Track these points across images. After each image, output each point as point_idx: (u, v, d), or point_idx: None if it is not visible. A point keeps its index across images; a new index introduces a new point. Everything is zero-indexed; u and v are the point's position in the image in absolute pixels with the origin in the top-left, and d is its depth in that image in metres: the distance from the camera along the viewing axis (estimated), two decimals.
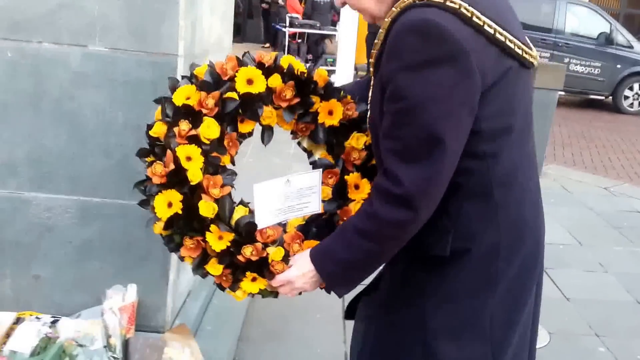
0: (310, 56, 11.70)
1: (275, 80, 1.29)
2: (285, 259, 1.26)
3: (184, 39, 1.82)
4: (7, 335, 1.90)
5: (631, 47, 10.29)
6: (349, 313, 1.44)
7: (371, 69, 1.20)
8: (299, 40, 11.91)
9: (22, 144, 1.85)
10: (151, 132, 1.28)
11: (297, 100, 1.32)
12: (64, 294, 2.00)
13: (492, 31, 1.05)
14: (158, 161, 1.25)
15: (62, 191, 1.90)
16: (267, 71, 1.29)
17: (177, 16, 1.76)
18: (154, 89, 1.79)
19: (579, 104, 10.85)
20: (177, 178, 1.23)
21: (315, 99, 1.34)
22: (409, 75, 1.03)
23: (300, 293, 1.29)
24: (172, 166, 1.22)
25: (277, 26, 12.72)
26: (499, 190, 1.14)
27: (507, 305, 1.20)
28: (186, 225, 1.25)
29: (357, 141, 1.36)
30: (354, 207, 1.34)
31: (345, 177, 1.36)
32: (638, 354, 2.77)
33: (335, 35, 11.47)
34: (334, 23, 12.06)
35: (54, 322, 1.89)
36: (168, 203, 1.23)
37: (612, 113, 10.20)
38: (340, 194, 1.36)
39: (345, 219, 1.32)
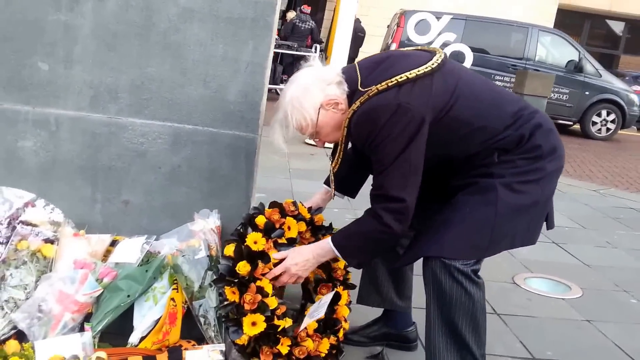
0: (285, 77, 12.14)
1: (302, 226, 2.09)
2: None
3: None
4: (106, 255, 2.10)
5: (599, 75, 11.13)
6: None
7: None
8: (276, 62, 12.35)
9: (127, 71, 2.10)
10: (237, 269, 1.88)
11: (313, 239, 2.08)
12: (152, 219, 2.21)
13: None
14: (246, 294, 1.88)
15: (158, 117, 2.15)
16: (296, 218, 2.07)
17: None
18: (254, 26, 2.09)
19: None
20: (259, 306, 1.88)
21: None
22: None
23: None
24: (258, 298, 1.86)
25: None
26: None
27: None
28: (265, 338, 1.89)
29: (340, 264, 2.08)
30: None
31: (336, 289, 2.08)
32: None
33: (310, 56, 11.95)
34: (308, 46, 12.60)
35: (155, 240, 2.10)
36: (252, 322, 1.86)
37: (581, 138, 10.94)
38: (333, 302, 2.07)
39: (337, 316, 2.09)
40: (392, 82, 1.70)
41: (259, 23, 2.09)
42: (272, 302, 1.90)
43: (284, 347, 1.90)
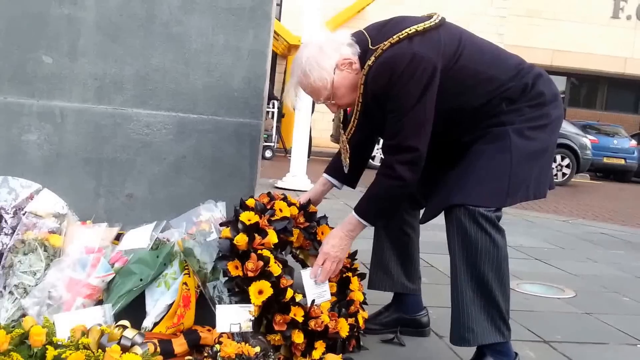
0: None
1: (294, 210, 2.14)
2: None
3: None
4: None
5: None
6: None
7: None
8: None
9: (131, 62, 2.20)
10: (235, 241, 1.92)
11: (307, 224, 2.18)
12: (156, 212, 2.24)
13: None
14: (248, 262, 1.89)
15: (163, 107, 2.23)
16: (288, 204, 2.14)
17: None
18: (253, 15, 2.24)
19: None
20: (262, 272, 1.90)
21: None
22: None
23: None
24: (260, 264, 1.89)
25: None
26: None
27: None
28: (274, 305, 1.89)
29: None
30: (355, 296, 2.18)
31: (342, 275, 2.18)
32: None
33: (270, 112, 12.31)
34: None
35: (162, 230, 2.13)
36: (259, 290, 1.87)
37: None
38: (343, 287, 2.17)
39: (353, 307, 2.14)
40: (402, 34, 1.85)
41: (257, 12, 2.24)
42: (276, 268, 1.92)
43: (298, 316, 1.91)
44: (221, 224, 2.05)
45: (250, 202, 2.07)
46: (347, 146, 2.11)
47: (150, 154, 2.23)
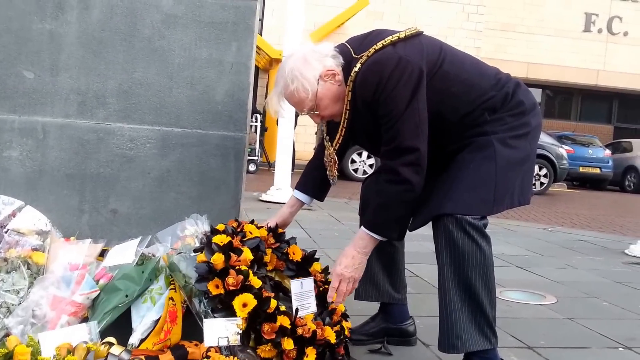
0: None
1: (263, 232, 2.11)
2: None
3: None
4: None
5: None
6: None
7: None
8: None
9: (114, 76, 2.17)
10: (212, 260, 1.87)
11: (277, 244, 2.12)
12: (140, 228, 2.20)
13: None
14: (228, 277, 1.85)
15: (147, 122, 2.20)
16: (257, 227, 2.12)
17: None
18: (235, 29, 2.22)
19: None
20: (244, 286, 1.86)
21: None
22: None
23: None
24: (240, 278, 1.85)
25: None
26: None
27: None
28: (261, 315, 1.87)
29: (318, 266, 2.17)
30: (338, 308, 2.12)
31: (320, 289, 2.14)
32: (638, 305, 3.31)
33: (253, 126, 12.30)
34: None
35: (147, 246, 2.08)
36: (243, 303, 1.84)
37: None
38: (322, 300, 2.11)
39: (335, 317, 2.09)
40: (386, 42, 1.84)
41: (240, 26, 2.22)
42: (256, 281, 1.89)
43: (285, 324, 1.87)
44: (194, 250, 2.01)
45: (220, 227, 2.03)
46: (335, 157, 2.09)
47: (134, 169, 2.19)
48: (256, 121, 11.96)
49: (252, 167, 11.58)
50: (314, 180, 2.24)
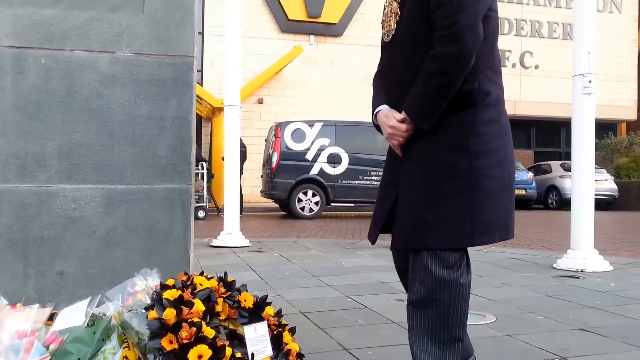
0: None
1: (213, 282, 2.04)
2: None
3: (197, 44, 2.26)
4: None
5: None
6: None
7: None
8: None
9: (53, 138, 2.08)
10: (164, 316, 1.83)
11: (229, 293, 2.04)
12: (90, 288, 2.09)
13: None
14: (181, 331, 1.79)
15: (89, 181, 2.11)
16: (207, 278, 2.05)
17: (192, 24, 2.21)
18: (174, 85, 2.18)
19: None
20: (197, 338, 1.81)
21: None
22: None
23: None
24: (193, 330, 1.80)
25: None
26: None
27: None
28: None
29: (270, 310, 2.11)
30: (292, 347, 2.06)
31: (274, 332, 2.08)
32: (570, 316, 3.38)
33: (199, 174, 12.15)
34: None
35: (97, 305, 1.97)
36: (198, 355, 1.78)
37: None
38: (277, 342, 2.07)
39: (291, 358, 2.01)
40: None
41: (178, 82, 2.18)
42: (209, 331, 1.83)
43: None
44: (145, 308, 1.92)
45: (170, 282, 1.97)
46: (398, 10, 1.87)
47: (79, 229, 2.09)
48: (202, 169, 11.82)
49: (201, 214, 11.38)
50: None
